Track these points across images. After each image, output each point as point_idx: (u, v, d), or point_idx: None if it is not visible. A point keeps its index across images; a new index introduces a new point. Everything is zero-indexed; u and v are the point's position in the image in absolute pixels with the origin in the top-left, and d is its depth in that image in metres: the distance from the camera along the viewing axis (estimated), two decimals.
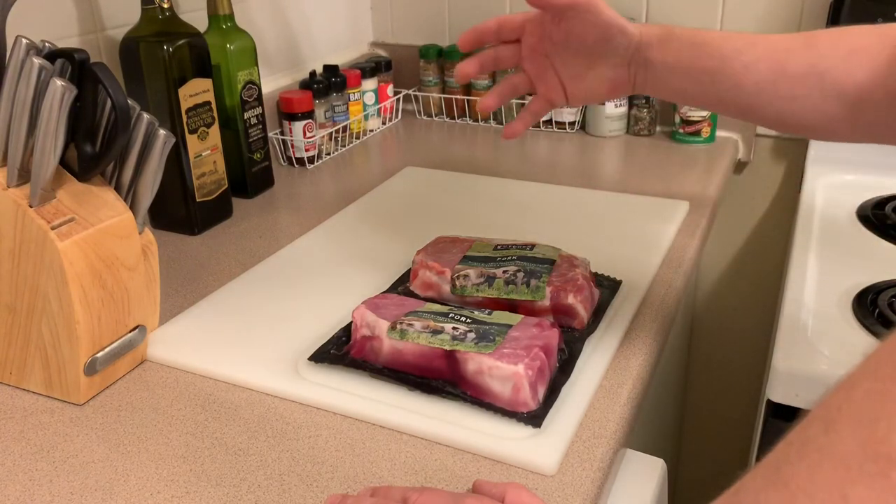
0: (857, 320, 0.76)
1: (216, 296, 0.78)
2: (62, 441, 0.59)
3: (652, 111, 1.23)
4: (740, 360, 1.37)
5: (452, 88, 1.36)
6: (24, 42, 0.58)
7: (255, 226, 0.97)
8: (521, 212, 0.96)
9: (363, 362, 0.64)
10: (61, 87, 0.56)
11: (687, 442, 1.48)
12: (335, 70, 1.22)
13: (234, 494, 0.53)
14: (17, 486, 0.55)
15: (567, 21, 0.65)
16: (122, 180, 0.66)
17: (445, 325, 0.61)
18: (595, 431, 0.58)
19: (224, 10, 0.99)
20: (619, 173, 1.10)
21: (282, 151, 1.18)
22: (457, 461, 0.56)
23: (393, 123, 1.38)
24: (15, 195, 0.60)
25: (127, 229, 0.65)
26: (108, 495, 0.54)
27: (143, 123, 0.64)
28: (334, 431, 0.59)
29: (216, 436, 0.59)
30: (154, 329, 0.71)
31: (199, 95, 0.91)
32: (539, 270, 0.69)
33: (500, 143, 1.25)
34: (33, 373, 0.64)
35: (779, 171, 1.23)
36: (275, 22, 1.23)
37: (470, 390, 0.59)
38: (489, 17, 0.69)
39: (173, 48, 0.87)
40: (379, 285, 0.78)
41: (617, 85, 0.67)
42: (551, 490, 0.53)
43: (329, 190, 1.07)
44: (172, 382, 0.66)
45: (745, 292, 1.32)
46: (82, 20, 0.92)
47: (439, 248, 0.76)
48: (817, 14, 1.12)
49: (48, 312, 0.62)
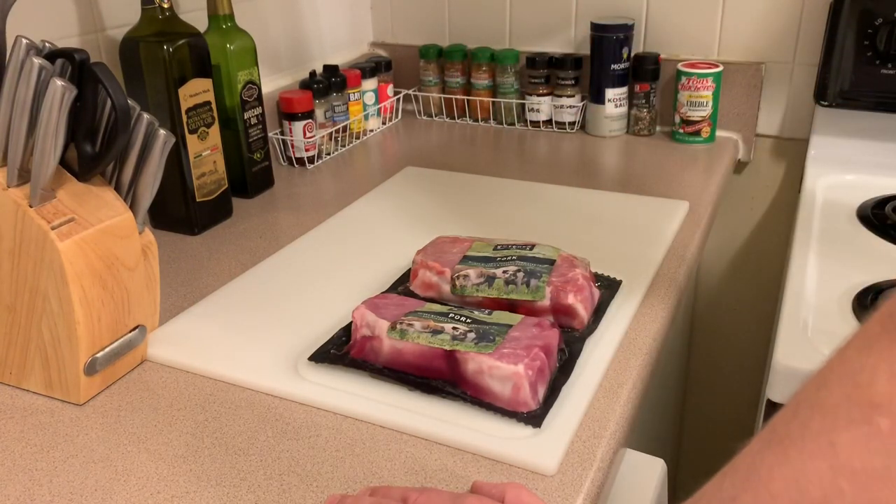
0: (857, 320, 0.76)
1: (216, 296, 0.78)
2: (62, 441, 0.59)
3: (652, 111, 1.23)
4: (740, 360, 1.37)
5: (452, 88, 1.36)
6: (24, 42, 0.58)
7: (255, 226, 0.97)
8: (520, 212, 0.96)
9: (363, 362, 0.64)
10: (61, 87, 0.56)
11: (687, 442, 1.48)
12: (335, 70, 1.22)
13: (234, 494, 0.53)
14: (17, 486, 0.55)
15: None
16: (122, 180, 0.66)
17: (445, 325, 0.61)
18: (595, 431, 0.58)
19: (224, 10, 0.99)
20: (619, 173, 1.10)
21: (282, 151, 1.18)
22: (457, 461, 0.56)
23: (393, 123, 1.38)
24: (15, 195, 0.60)
25: (127, 229, 0.65)
26: (108, 495, 0.54)
27: (143, 123, 0.64)
28: (334, 431, 0.59)
29: (216, 436, 0.59)
30: (154, 329, 0.71)
31: (199, 95, 0.91)
32: (539, 270, 0.69)
33: (500, 143, 1.25)
34: (33, 373, 0.64)
35: (779, 171, 1.23)
36: (275, 22, 1.23)
37: (470, 390, 0.59)
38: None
39: (173, 48, 0.87)
40: (379, 285, 0.78)
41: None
42: (551, 490, 0.53)
43: (329, 190, 1.07)
44: (172, 382, 0.66)
45: (745, 292, 1.32)
46: (82, 20, 0.93)
47: (439, 248, 0.76)
48: (817, 14, 1.12)
49: (48, 312, 0.62)
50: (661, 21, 1.23)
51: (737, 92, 1.19)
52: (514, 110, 1.32)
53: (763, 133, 1.22)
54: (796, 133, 1.20)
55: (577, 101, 1.27)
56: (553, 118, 1.29)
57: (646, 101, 1.23)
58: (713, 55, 1.21)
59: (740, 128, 1.21)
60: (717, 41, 1.20)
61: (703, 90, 1.16)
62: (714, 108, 1.17)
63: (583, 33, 1.29)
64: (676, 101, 1.19)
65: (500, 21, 1.34)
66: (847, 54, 1.06)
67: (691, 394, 1.45)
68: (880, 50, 1.03)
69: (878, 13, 1.03)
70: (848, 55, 1.06)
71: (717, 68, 1.15)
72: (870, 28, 1.03)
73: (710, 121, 1.18)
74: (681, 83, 1.17)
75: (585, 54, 1.25)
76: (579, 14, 1.28)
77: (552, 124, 1.30)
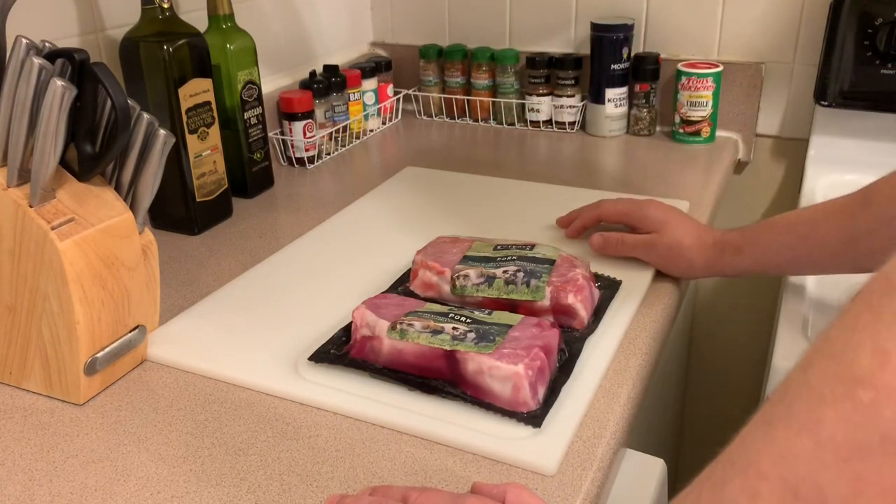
0: None
1: (216, 296, 0.78)
2: (62, 441, 0.59)
3: (652, 111, 1.23)
4: (740, 360, 1.37)
5: (452, 88, 1.36)
6: (24, 42, 0.58)
7: (255, 226, 0.97)
8: (521, 212, 0.96)
9: (363, 362, 0.64)
10: (61, 87, 0.56)
11: (687, 442, 1.48)
12: (335, 70, 1.22)
13: (234, 494, 0.53)
14: (17, 486, 0.55)
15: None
16: (122, 180, 0.66)
17: (445, 325, 0.61)
18: (595, 431, 0.58)
19: (224, 10, 0.99)
20: (619, 173, 1.10)
21: (282, 151, 1.18)
22: (457, 461, 0.56)
23: (393, 123, 1.38)
24: (15, 195, 0.60)
25: (127, 229, 0.65)
26: (108, 495, 0.54)
27: (143, 123, 0.64)
28: (334, 431, 0.59)
29: (216, 436, 0.59)
30: (154, 329, 0.71)
31: (199, 95, 0.91)
32: (539, 270, 0.69)
33: (500, 143, 1.25)
34: (33, 373, 0.64)
35: (779, 171, 1.23)
36: (275, 22, 1.23)
37: (470, 390, 0.59)
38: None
39: (173, 48, 0.87)
40: (379, 285, 0.78)
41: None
42: (551, 490, 0.53)
43: (329, 190, 1.07)
44: (172, 382, 0.66)
45: (745, 292, 1.32)
46: (82, 20, 0.93)
47: (439, 248, 0.76)
48: (817, 14, 1.12)
49: (48, 312, 0.62)
50: (661, 21, 1.23)
51: (737, 92, 1.19)
52: (514, 110, 1.32)
53: (763, 133, 1.22)
54: (796, 133, 1.20)
55: (577, 101, 1.27)
56: (553, 118, 1.29)
57: (646, 101, 1.23)
58: (713, 55, 1.21)
59: (740, 128, 1.21)
60: (717, 41, 1.20)
61: (703, 90, 1.16)
62: (714, 108, 1.17)
63: (583, 33, 1.29)
64: (676, 101, 1.19)
65: (500, 21, 1.34)
66: (847, 54, 1.06)
67: (691, 394, 1.44)
68: (880, 50, 1.03)
69: (878, 13, 1.03)
70: (848, 55, 1.06)
71: (717, 68, 1.15)
72: (870, 28, 1.03)
73: (710, 121, 1.18)
74: (681, 83, 1.17)
75: (585, 54, 1.25)
76: (579, 14, 1.28)
77: (552, 124, 1.30)
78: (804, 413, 0.31)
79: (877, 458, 0.29)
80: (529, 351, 0.58)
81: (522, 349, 0.58)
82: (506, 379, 0.57)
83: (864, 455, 0.29)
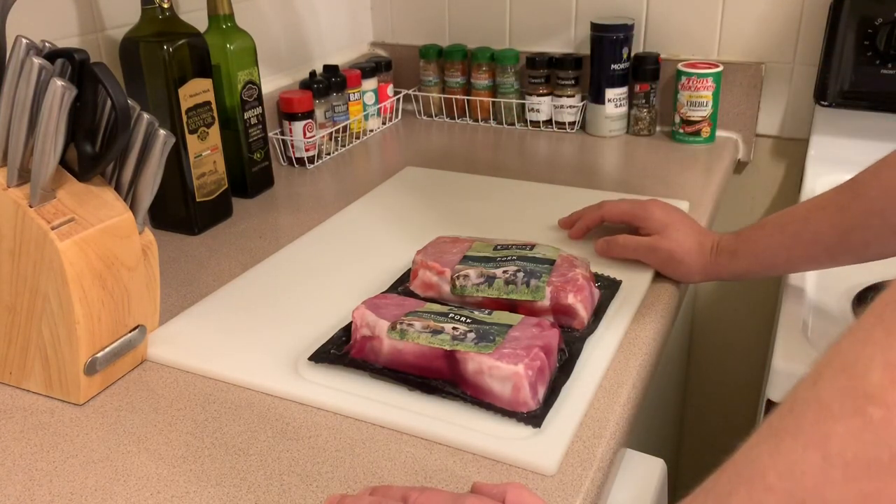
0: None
1: (216, 296, 0.78)
2: (62, 441, 0.59)
3: (652, 111, 1.23)
4: (740, 361, 1.37)
5: (452, 88, 1.36)
6: (24, 42, 0.58)
7: (255, 226, 0.97)
8: (521, 212, 0.96)
9: (363, 362, 0.64)
10: (61, 87, 0.56)
11: (687, 442, 1.48)
12: (335, 70, 1.22)
13: (234, 494, 0.53)
14: (17, 486, 0.55)
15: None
16: (122, 180, 0.66)
17: (445, 325, 0.61)
18: (595, 431, 0.58)
19: (224, 10, 0.99)
20: (619, 173, 1.10)
21: (282, 151, 1.18)
22: (457, 461, 0.56)
23: (393, 123, 1.38)
24: (15, 195, 0.60)
25: (127, 229, 0.65)
26: (108, 495, 0.54)
27: (143, 123, 0.64)
28: (334, 431, 0.59)
29: (216, 436, 0.59)
30: (154, 329, 0.71)
31: (199, 95, 0.91)
32: (539, 270, 0.69)
33: (500, 143, 1.25)
34: (33, 373, 0.64)
35: (779, 171, 1.23)
36: (275, 22, 1.23)
37: (470, 390, 0.59)
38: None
39: (173, 48, 0.87)
40: (379, 285, 0.78)
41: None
42: (551, 490, 0.53)
43: (329, 190, 1.07)
44: (172, 382, 0.66)
45: (745, 292, 1.32)
46: (82, 20, 0.93)
47: (439, 248, 0.76)
48: (817, 14, 1.12)
49: (48, 312, 0.62)
50: (661, 21, 1.23)
51: (737, 92, 1.19)
52: (514, 110, 1.32)
53: (763, 133, 1.22)
54: (796, 133, 1.20)
55: (577, 101, 1.27)
56: (553, 118, 1.29)
57: (646, 101, 1.22)
58: (713, 55, 1.21)
59: (740, 128, 1.21)
60: (717, 41, 1.20)
61: (703, 90, 1.16)
62: (714, 108, 1.17)
63: (583, 33, 1.29)
64: (676, 101, 1.19)
65: (500, 21, 1.34)
66: (847, 54, 1.06)
67: (691, 394, 1.44)
68: (880, 50, 1.03)
69: (878, 13, 1.03)
70: (848, 55, 1.06)
71: (717, 68, 1.15)
72: (870, 28, 1.03)
73: (710, 121, 1.18)
74: (681, 83, 1.17)
75: (585, 54, 1.25)
76: (579, 14, 1.28)
77: (552, 124, 1.30)
78: (813, 427, 0.31)
79: (885, 476, 0.28)
80: (529, 351, 0.58)
81: (522, 349, 0.58)
82: (506, 379, 0.57)
83: (872, 473, 0.29)
